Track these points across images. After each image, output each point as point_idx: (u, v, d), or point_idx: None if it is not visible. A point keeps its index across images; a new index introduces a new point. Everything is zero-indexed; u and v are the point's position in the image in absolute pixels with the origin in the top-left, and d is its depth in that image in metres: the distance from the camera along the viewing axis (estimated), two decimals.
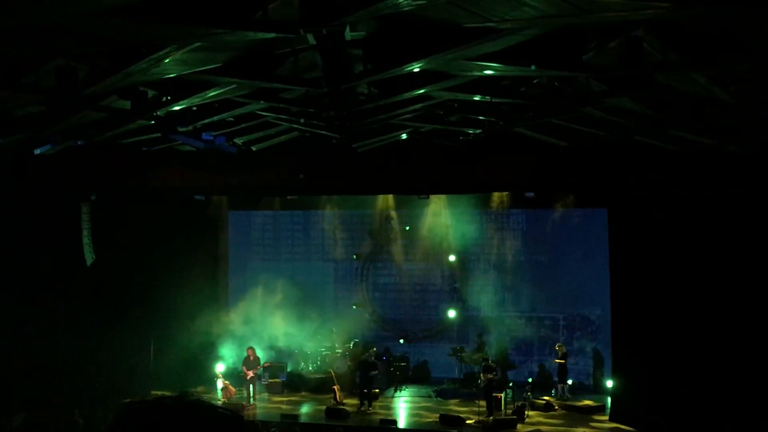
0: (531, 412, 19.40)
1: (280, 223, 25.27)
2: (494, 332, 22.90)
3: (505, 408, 19.35)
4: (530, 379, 21.20)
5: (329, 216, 24.51)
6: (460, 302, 23.87)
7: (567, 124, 14.57)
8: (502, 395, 19.50)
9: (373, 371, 20.04)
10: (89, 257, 19.54)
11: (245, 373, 20.76)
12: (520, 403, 19.24)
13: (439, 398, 21.36)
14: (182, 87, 11.42)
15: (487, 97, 12.01)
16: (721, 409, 15.82)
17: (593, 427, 18.51)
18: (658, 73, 9.59)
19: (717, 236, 16.29)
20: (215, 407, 2.02)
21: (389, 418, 18.86)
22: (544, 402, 20.02)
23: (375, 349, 22.30)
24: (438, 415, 18.85)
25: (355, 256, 24.53)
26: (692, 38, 8.41)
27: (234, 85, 11.15)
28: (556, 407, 20.05)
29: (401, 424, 18.97)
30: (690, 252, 16.62)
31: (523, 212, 23.45)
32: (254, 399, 20.75)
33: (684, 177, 16.55)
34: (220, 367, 21.35)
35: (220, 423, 1.98)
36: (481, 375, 19.51)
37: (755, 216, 15.88)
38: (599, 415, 19.43)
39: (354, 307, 24.23)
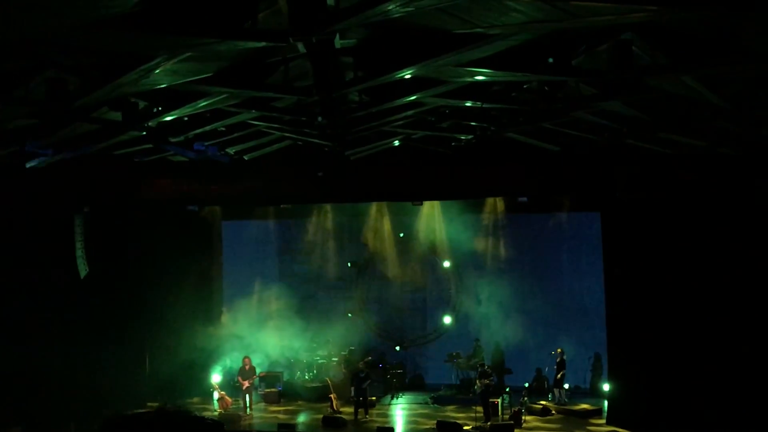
0: (528, 417, 19.39)
1: (274, 232, 25.23)
2: (490, 337, 22.89)
3: (502, 413, 19.37)
4: (527, 384, 21.20)
5: (323, 224, 24.49)
6: (455, 308, 23.87)
7: (558, 129, 14.60)
8: (499, 400, 19.52)
9: (365, 382, 20.01)
10: (83, 269, 19.49)
11: (241, 383, 20.72)
12: (517, 408, 19.23)
13: (435, 405, 21.35)
14: (173, 97, 11.40)
15: (478, 103, 12.03)
16: (717, 412, 15.83)
17: (590, 431, 18.51)
18: (648, 76, 9.61)
19: (711, 238, 16.32)
20: (195, 417, 2.01)
21: (386, 425, 18.84)
22: (541, 407, 20.03)
23: (370, 357, 22.28)
24: (435, 422, 18.81)
25: (349, 264, 24.51)
26: (681, 41, 8.43)
27: (225, 95, 11.15)
28: (554, 412, 20.07)
29: (398, 431, 18.96)
30: (684, 254, 16.66)
31: (517, 217, 23.46)
32: (251, 409, 20.71)
33: (676, 179, 16.60)
34: (216, 378, 21.29)
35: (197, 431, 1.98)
36: (478, 381, 19.51)
37: (748, 217, 15.91)
38: (596, 418, 19.45)
39: (349, 315, 24.21)
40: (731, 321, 15.94)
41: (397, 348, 23.85)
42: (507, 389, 20.49)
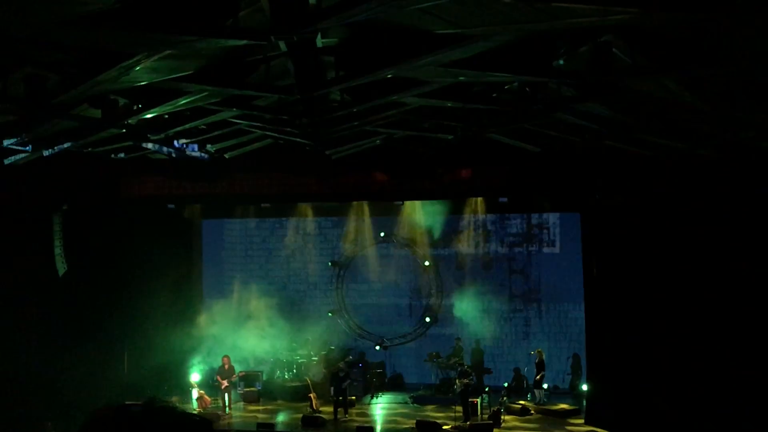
0: (507, 417, 19.43)
1: (255, 231, 25.17)
2: (470, 337, 22.95)
3: (482, 413, 19.42)
4: (506, 384, 21.26)
5: (304, 223, 24.46)
6: (435, 308, 23.90)
7: (539, 130, 14.65)
8: (479, 400, 19.57)
9: (345, 382, 19.98)
10: (61, 268, 19.36)
11: (220, 383, 20.64)
12: (496, 408, 19.27)
13: (415, 404, 21.36)
14: (153, 95, 11.35)
15: (459, 104, 12.05)
16: (695, 412, 15.94)
17: (569, 431, 18.59)
18: (628, 78, 9.67)
19: (689, 239, 16.42)
20: (182, 413, 2.01)
21: (366, 425, 18.82)
22: (520, 406, 20.07)
23: (351, 357, 22.25)
24: (414, 421, 18.83)
25: (330, 263, 24.50)
26: (661, 43, 8.49)
27: (206, 93, 11.11)
28: (532, 411, 20.12)
29: (378, 430, 18.95)
30: (664, 255, 16.75)
31: (498, 217, 23.54)
32: (230, 408, 20.64)
33: (655, 181, 16.70)
34: (195, 377, 21.21)
35: (186, 428, 1.97)
36: (457, 380, 19.54)
37: (726, 219, 16.03)
38: (575, 418, 19.52)
39: (329, 314, 24.19)
40: (711, 322, 16.03)
41: (377, 347, 23.85)
42: (486, 389, 20.54)
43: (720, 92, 10.74)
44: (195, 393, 20.67)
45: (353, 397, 20.87)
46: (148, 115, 12.39)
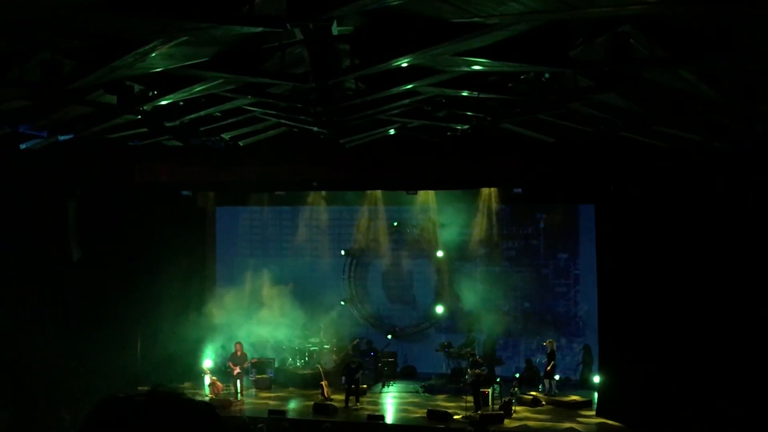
0: (518, 408, 19.43)
1: (268, 218, 25.22)
2: (482, 328, 22.94)
3: (493, 403, 19.42)
4: (517, 375, 21.25)
5: (317, 212, 24.48)
6: (448, 298, 23.89)
7: (554, 120, 14.59)
8: (490, 390, 19.57)
9: (357, 372, 20.00)
10: (75, 253, 19.45)
11: (232, 369, 20.73)
12: (507, 399, 19.27)
13: (426, 394, 21.38)
14: (169, 81, 11.37)
15: (475, 93, 12.01)
16: (706, 404, 15.90)
17: (580, 422, 18.56)
18: (645, 68, 9.61)
19: (704, 232, 16.35)
20: (186, 399, 2.01)
21: (377, 413, 18.88)
22: (531, 397, 20.07)
23: (357, 341, 22.27)
24: (425, 411, 18.86)
25: (343, 252, 24.51)
26: (679, 34, 8.43)
27: (221, 80, 11.12)
28: (544, 402, 20.11)
29: (389, 419, 18.99)
30: (678, 248, 16.69)
31: (511, 208, 23.48)
32: (242, 395, 20.73)
33: (670, 173, 16.62)
34: (207, 363, 21.29)
35: (190, 414, 1.98)
36: (469, 370, 19.55)
37: (741, 212, 15.95)
38: (586, 410, 19.50)
39: (342, 303, 24.22)
40: (724, 315, 15.97)
41: (389, 336, 23.87)
42: (498, 379, 20.53)
43: (737, 84, 10.67)
44: (207, 379, 20.76)
45: (364, 386, 20.92)
46: (164, 102, 12.42)
